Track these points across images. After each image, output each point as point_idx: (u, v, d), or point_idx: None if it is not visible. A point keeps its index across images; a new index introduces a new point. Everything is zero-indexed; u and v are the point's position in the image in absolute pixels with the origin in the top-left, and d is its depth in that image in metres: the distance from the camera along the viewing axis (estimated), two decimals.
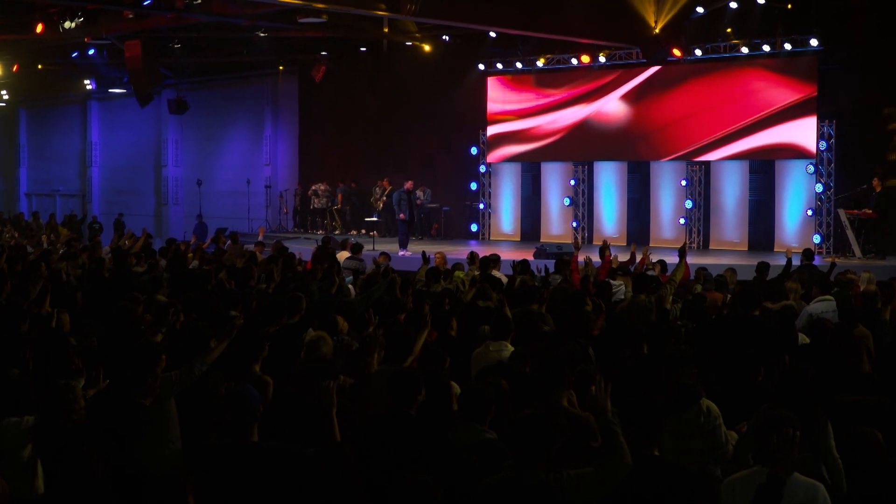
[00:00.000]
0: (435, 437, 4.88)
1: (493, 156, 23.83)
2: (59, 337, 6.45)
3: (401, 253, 18.21)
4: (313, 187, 25.77)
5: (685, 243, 16.75)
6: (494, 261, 12.19)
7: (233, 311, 8.06)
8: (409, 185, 19.82)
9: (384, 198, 23.97)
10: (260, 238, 20.00)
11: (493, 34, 21.54)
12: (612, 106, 21.96)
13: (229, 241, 16.27)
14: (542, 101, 22.95)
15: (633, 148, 21.76)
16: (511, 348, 6.90)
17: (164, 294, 9.32)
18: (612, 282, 10.68)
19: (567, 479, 4.10)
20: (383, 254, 13.99)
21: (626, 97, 21.74)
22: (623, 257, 13.40)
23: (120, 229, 22.71)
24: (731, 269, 12.04)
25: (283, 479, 4.46)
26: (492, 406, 5.01)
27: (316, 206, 25.69)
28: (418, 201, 20.71)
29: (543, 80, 22.95)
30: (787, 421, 4.21)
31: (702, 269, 12.01)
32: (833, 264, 11.80)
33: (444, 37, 22.34)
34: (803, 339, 8.01)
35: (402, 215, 19.21)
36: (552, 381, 5.35)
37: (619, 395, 4.82)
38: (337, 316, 7.48)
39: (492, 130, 23.70)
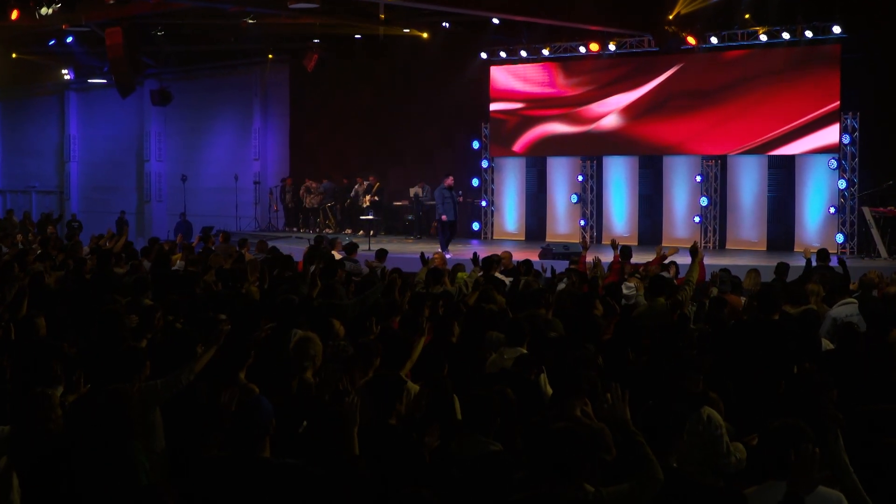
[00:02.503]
0: (415, 446, 4.87)
1: (496, 150, 23.84)
2: (36, 342, 6.46)
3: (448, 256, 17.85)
4: (306, 184, 25.79)
5: (696, 242, 16.73)
6: (497, 261, 12.21)
7: (221, 314, 8.06)
8: (450, 181, 19.55)
9: (375, 196, 23.97)
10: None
11: (496, 20, 21.53)
12: (622, 97, 21.95)
13: (220, 240, 16.19)
14: (548, 92, 22.95)
15: (644, 142, 21.76)
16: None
17: (149, 297, 9.31)
18: (626, 284, 10.68)
19: (607, 496, 4.09)
20: (379, 252, 13.99)
21: (637, 88, 21.72)
22: (638, 258, 13.38)
23: (122, 228, 22.59)
24: (755, 271, 12.01)
25: (293, 498, 4.44)
26: (497, 416, 5.00)
27: (309, 204, 25.71)
28: (460, 198, 20.18)
29: (549, 69, 22.95)
30: (805, 435, 4.20)
31: (718, 271, 12.01)
32: (843, 262, 11.80)
33: (443, 23, 22.33)
34: (827, 344, 8.01)
35: (443, 216, 18.97)
36: (565, 389, 5.35)
37: (634, 402, 4.81)
38: (333, 319, 7.48)
39: (494, 123, 23.71)
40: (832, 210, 19.63)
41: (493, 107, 23.65)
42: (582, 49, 21.93)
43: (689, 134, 21.14)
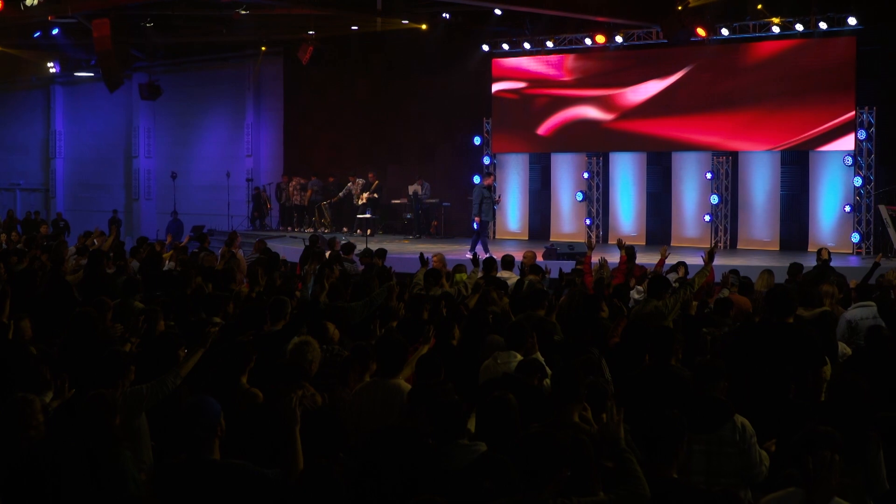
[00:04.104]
0: (434, 455, 4.87)
1: (498, 146, 23.81)
2: (20, 346, 6.43)
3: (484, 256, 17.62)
4: (293, 182, 25.78)
5: (714, 245, 16.74)
6: (508, 262, 12.18)
7: (215, 317, 8.03)
8: (490, 180, 19.50)
9: (374, 194, 23.91)
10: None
11: (498, 11, 21.51)
12: (630, 91, 21.93)
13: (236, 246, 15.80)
14: (552, 86, 22.93)
15: (651, 138, 21.73)
16: (520, 359, 6.86)
17: (138, 299, 9.29)
18: (639, 287, 10.65)
19: None
20: (378, 252, 13.96)
21: (646, 81, 21.70)
22: (645, 259, 13.35)
23: (112, 228, 22.50)
24: (768, 272, 11.97)
25: (240, 499, 4.44)
26: (464, 416, 5.02)
27: (298, 201, 25.70)
28: (498, 198, 19.74)
29: (554, 62, 22.93)
30: (825, 441, 4.17)
31: (729, 273, 11.99)
32: (876, 264, 11.77)
33: (443, 14, 22.31)
34: (843, 348, 7.98)
35: (476, 217, 18.86)
36: (563, 394, 5.33)
37: (637, 409, 4.80)
38: (327, 322, 7.45)
39: (497, 118, 23.68)
40: (847, 208, 19.59)
41: (495, 118, 23.59)
42: (588, 41, 21.91)
43: (699, 130, 21.11)
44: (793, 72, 19.91)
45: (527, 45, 22.85)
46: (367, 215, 23.48)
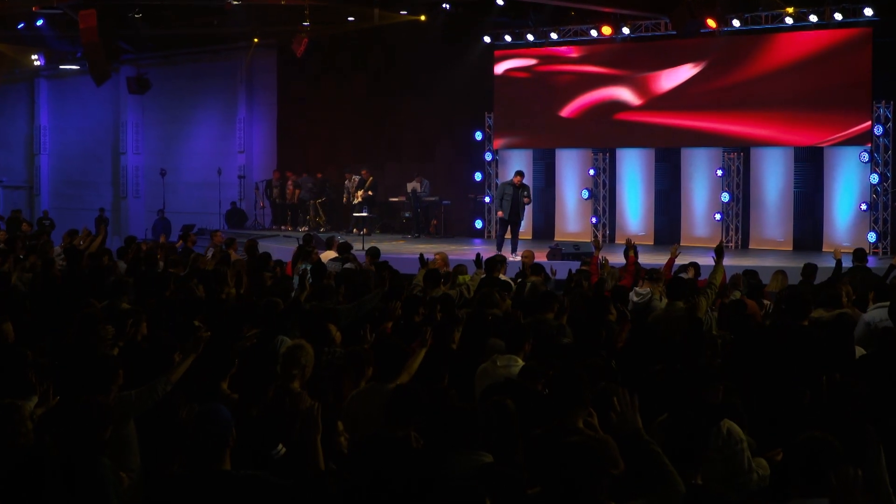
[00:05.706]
0: (432, 464, 4.87)
1: (501, 141, 23.82)
2: (6, 350, 6.43)
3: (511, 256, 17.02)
4: (293, 178, 25.82)
5: (721, 242, 16.74)
6: (501, 262, 12.19)
7: (196, 320, 8.02)
8: (517, 178, 18.77)
9: (368, 191, 23.90)
10: None
11: (500, 2, 21.53)
12: (637, 85, 21.93)
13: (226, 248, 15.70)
14: (556, 80, 22.93)
15: (660, 133, 21.74)
16: (521, 363, 6.86)
17: (126, 301, 9.29)
18: (637, 289, 10.64)
19: None
20: (370, 251, 13.97)
21: (653, 75, 21.72)
22: (655, 258, 13.33)
23: (100, 227, 22.49)
24: (782, 273, 11.97)
25: None
26: (479, 431, 4.98)
27: (290, 198, 25.74)
28: (526, 199, 18.74)
29: (558, 54, 22.93)
30: (834, 453, 4.14)
31: (741, 273, 11.98)
32: (892, 266, 11.78)
33: (443, 5, 22.31)
34: (861, 352, 7.97)
35: (499, 213, 18.48)
36: (567, 398, 5.33)
37: (652, 415, 4.79)
38: (330, 325, 7.47)
39: (499, 112, 23.68)
40: (863, 207, 19.59)
41: (497, 112, 23.57)
42: (593, 32, 21.90)
43: (709, 125, 21.10)
44: (806, 66, 19.90)
45: (530, 37, 22.84)
46: (364, 214, 23.45)
